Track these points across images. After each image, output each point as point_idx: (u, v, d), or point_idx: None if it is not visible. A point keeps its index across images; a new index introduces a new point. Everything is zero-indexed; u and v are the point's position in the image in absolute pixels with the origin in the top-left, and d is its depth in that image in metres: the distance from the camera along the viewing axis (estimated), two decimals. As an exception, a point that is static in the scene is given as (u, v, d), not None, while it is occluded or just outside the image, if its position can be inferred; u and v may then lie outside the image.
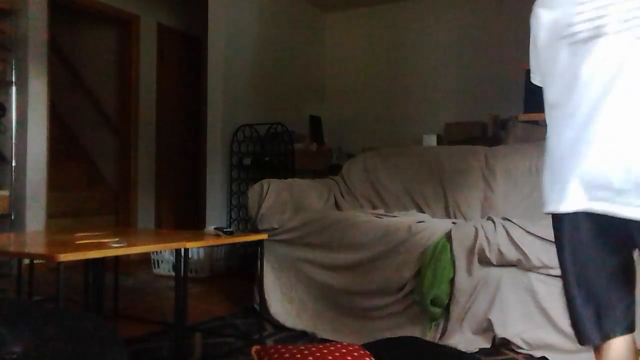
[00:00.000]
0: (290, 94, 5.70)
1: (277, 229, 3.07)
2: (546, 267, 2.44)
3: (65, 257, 1.81)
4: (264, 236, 2.85)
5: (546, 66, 1.41)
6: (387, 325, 2.73)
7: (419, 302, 2.64)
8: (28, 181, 4.47)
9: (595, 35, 1.27)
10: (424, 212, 3.33)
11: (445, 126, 5.06)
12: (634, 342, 1.35)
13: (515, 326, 2.49)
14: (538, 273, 2.47)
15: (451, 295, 2.59)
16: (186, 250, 2.38)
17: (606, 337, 1.32)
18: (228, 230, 2.68)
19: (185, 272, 2.42)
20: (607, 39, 1.25)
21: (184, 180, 6.29)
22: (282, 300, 3.02)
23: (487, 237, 2.56)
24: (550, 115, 1.39)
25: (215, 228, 2.72)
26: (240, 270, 4.65)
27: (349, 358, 1.64)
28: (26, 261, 3.39)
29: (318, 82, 6.22)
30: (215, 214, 4.85)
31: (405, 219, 2.93)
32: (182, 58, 6.31)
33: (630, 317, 1.33)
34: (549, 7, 1.39)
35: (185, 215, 6.20)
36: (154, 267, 4.56)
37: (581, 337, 1.35)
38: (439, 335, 2.60)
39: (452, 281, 2.59)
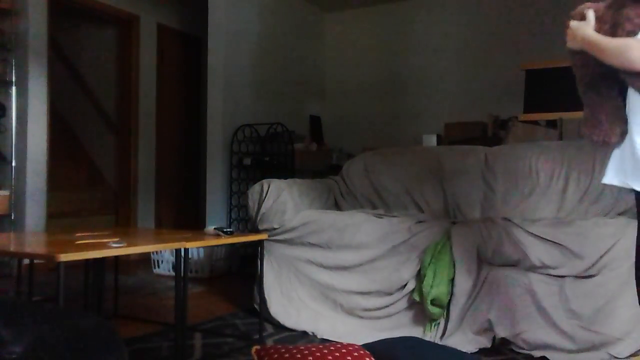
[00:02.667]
0: (290, 94, 5.70)
1: (277, 229, 3.07)
2: (546, 267, 2.44)
3: (65, 257, 1.81)
4: (264, 236, 2.85)
5: None
6: (387, 325, 2.73)
7: (419, 302, 2.64)
8: (28, 181, 4.47)
9: None
10: (424, 212, 3.33)
11: (445, 126, 5.06)
12: None
13: (515, 326, 2.49)
14: (538, 273, 2.47)
15: (451, 295, 2.59)
16: (186, 250, 2.38)
17: None
18: (228, 230, 2.68)
19: (185, 272, 2.42)
20: None
21: (184, 180, 6.29)
22: (282, 300, 3.02)
23: (487, 237, 2.56)
24: None
25: (215, 228, 2.72)
26: (240, 270, 4.65)
27: (349, 358, 1.64)
28: (26, 261, 3.40)
29: (318, 82, 6.23)
30: (215, 214, 4.85)
31: (405, 219, 2.93)
32: (182, 58, 6.32)
33: None
34: None
35: (185, 215, 6.20)
36: (154, 267, 4.56)
37: None
38: (439, 335, 2.61)
39: (452, 281, 2.59)
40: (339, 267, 2.91)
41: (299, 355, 1.62)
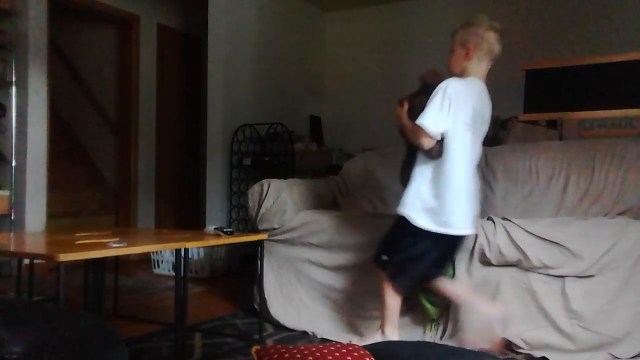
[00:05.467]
0: (290, 94, 5.70)
1: (277, 229, 3.07)
2: (546, 267, 2.44)
3: (65, 257, 1.81)
4: (264, 236, 2.85)
5: None
6: (387, 325, 2.73)
7: (418, 302, 2.64)
8: (28, 181, 4.47)
9: None
10: (424, 212, 3.32)
11: (445, 126, 5.06)
12: None
13: (515, 326, 2.49)
14: (538, 273, 2.47)
15: (451, 295, 2.58)
16: (186, 250, 2.38)
17: None
18: (228, 230, 2.68)
19: (185, 272, 2.42)
20: None
21: (184, 180, 6.29)
22: (282, 300, 3.02)
23: (487, 237, 2.56)
24: None
25: (215, 228, 2.72)
26: (240, 270, 4.65)
27: (349, 358, 1.64)
28: (26, 261, 3.40)
29: (318, 82, 6.22)
30: (215, 214, 4.85)
31: (405, 219, 2.93)
32: (182, 58, 6.32)
33: None
34: None
35: (185, 215, 6.20)
36: (154, 267, 4.56)
37: None
38: (439, 336, 2.61)
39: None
40: (339, 267, 2.91)
41: (299, 355, 1.62)
